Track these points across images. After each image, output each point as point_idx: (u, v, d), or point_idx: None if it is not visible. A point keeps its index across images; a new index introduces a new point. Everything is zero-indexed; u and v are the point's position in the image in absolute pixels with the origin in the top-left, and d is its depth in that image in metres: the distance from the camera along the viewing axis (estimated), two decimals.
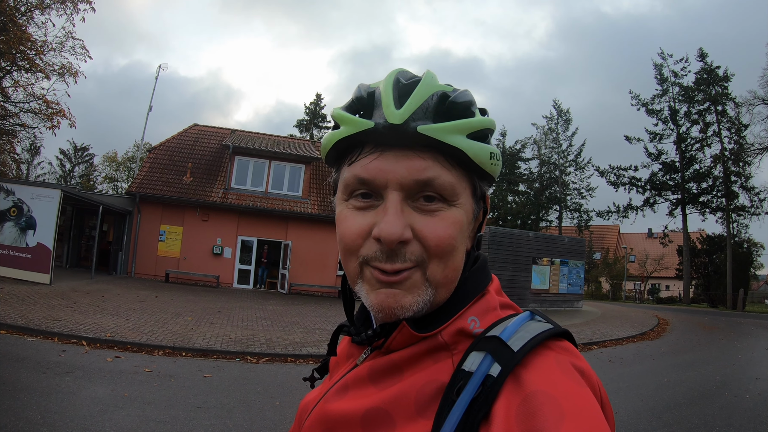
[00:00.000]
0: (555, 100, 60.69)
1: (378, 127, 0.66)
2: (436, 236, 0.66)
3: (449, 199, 0.67)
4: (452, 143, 0.66)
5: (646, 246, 58.23)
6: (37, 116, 24.95)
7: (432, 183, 0.66)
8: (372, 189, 0.68)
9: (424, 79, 0.69)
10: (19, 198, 14.92)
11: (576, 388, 0.56)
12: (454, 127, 0.66)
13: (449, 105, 0.68)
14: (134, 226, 20.90)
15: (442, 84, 0.71)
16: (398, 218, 0.65)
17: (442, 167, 0.67)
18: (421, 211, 0.67)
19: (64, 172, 55.02)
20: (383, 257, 0.66)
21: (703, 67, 40.84)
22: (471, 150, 0.67)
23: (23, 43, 22.76)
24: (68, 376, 6.49)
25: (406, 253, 0.65)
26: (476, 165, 0.69)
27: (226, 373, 7.63)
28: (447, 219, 0.67)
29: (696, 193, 41.06)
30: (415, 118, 0.65)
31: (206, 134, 25.35)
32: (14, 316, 9.33)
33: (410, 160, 0.66)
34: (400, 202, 0.66)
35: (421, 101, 0.67)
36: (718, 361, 11.41)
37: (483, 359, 0.60)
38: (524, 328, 0.63)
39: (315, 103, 60.24)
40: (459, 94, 0.69)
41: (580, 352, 0.65)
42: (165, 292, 16.34)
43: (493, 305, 0.71)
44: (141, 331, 9.45)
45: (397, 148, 0.66)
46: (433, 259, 0.66)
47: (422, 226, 0.66)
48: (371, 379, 0.70)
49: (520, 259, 20.62)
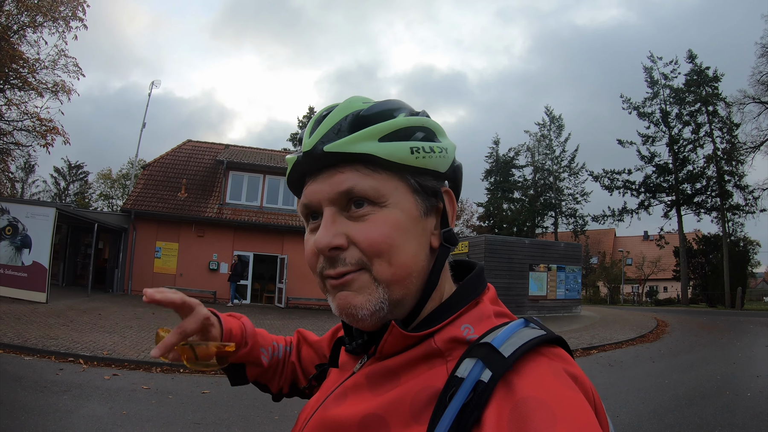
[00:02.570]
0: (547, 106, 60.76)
1: (299, 159, 0.76)
2: (366, 238, 0.69)
3: (377, 201, 0.71)
4: (360, 150, 0.70)
5: (642, 248, 58.34)
6: (31, 134, 24.98)
7: (352, 191, 0.70)
8: (314, 210, 0.75)
9: (339, 105, 0.76)
10: (14, 217, 14.89)
11: (568, 393, 0.56)
12: (360, 136, 0.71)
13: (359, 120, 0.73)
14: (130, 243, 20.81)
15: (365, 104, 0.76)
16: (327, 229, 0.70)
17: (361, 174, 0.71)
18: (353, 218, 0.71)
19: (58, 190, 54.99)
20: (327, 265, 0.71)
21: (693, 68, 41.16)
22: (382, 151, 0.71)
23: (16, 61, 22.83)
24: (66, 395, 6.44)
25: (346, 258, 0.70)
26: (396, 163, 0.72)
27: (225, 389, 7.58)
28: (377, 221, 0.70)
29: (690, 193, 41.22)
30: (324, 141, 0.72)
31: (200, 150, 25.35)
32: (11, 335, 9.28)
33: (332, 177, 0.72)
34: (332, 215, 0.72)
35: (331, 125, 0.73)
36: (718, 361, 11.42)
37: (474, 365, 0.61)
38: (517, 335, 0.64)
39: (307, 116, 60.23)
40: (371, 107, 0.74)
41: (574, 359, 0.66)
42: (162, 309, 16.05)
43: (488, 313, 0.72)
44: (138, 348, 9.39)
45: (320, 172, 0.74)
46: (374, 259, 0.69)
47: (355, 232, 0.70)
48: (368, 386, 0.71)
49: (516, 266, 20.64)
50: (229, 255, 21.61)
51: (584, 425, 0.53)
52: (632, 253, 58.05)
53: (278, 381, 1.14)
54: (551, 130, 52.89)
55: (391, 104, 0.75)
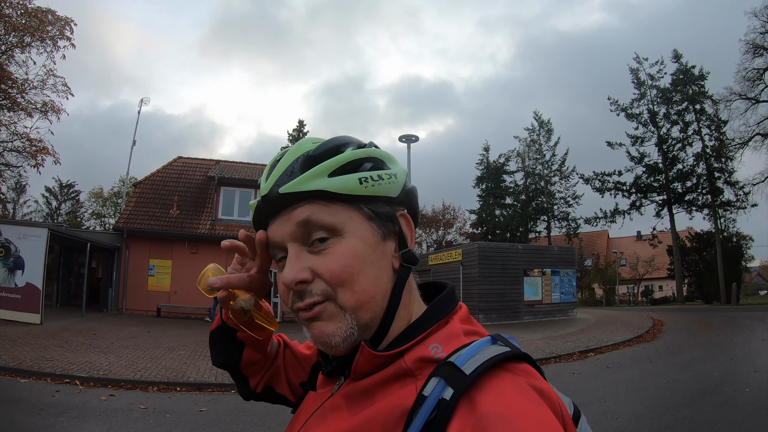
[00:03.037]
0: (535, 111, 61.24)
1: (259, 204, 0.79)
2: (328, 270, 0.72)
3: (335, 232, 0.74)
4: (311, 188, 0.74)
5: (636, 249, 58.46)
6: (21, 155, 24.88)
7: (309, 221, 0.74)
8: (280, 249, 0.78)
9: (290, 149, 0.80)
10: (6, 238, 14.80)
11: (531, 407, 0.57)
12: (310, 175, 0.75)
13: (309, 160, 0.77)
14: (123, 262, 20.70)
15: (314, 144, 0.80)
16: (291, 265, 0.73)
17: (316, 207, 0.74)
18: (315, 253, 0.74)
19: (50, 210, 54.67)
20: (297, 299, 0.75)
21: (679, 67, 41.51)
22: (332, 186, 0.74)
23: (4, 81, 22.76)
24: (63, 417, 6.39)
25: (312, 290, 0.73)
26: (347, 195, 0.75)
27: (222, 406, 7.55)
28: (337, 252, 0.73)
29: (681, 192, 41.42)
30: (279, 184, 0.76)
31: (191, 166, 25.29)
32: (6, 358, 9.20)
33: (290, 214, 0.75)
34: (295, 251, 0.75)
35: (284, 168, 0.77)
36: (715, 358, 11.46)
37: (437, 384, 0.62)
38: (481, 353, 0.65)
39: (298, 129, 60.08)
40: (319, 146, 0.78)
41: (542, 374, 0.68)
42: (157, 327, 16.18)
43: (456, 332, 0.74)
44: (134, 368, 9.34)
45: (279, 213, 0.77)
46: (337, 289, 0.72)
47: (318, 265, 0.73)
48: (347, 406, 0.73)
49: (510, 272, 20.68)
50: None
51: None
52: (626, 254, 58.12)
53: (260, 377, 1.12)
54: (540, 135, 53.08)
55: (338, 141, 0.80)
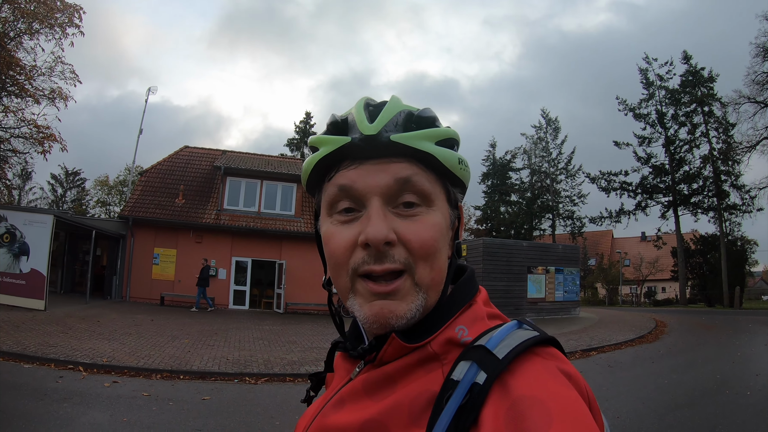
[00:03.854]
0: (543, 109, 60.94)
1: (355, 141, 0.71)
2: (419, 238, 0.69)
3: (427, 202, 0.71)
4: (423, 149, 0.71)
5: (640, 249, 58.32)
6: (28, 141, 24.88)
7: (410, 180, 0.70)
8: (354, 198, 0.72)
9: (391, 101, 0.75)
10: (11, 224, 14.87)
11: (563, 390, 0.58)
12: (423, 135, 0.71)
13: (416, 119, 0.73)
14: (128, 250, 20.77)
15: (407, 105, 0.76)
16: (382, 220, 0.68)
17: (417, 170, 0.71)
18: (401, 216, 0.70)
19: (56, 197, 54.89)
20: (372, 260, 0.68)
21: (688, 69, 41.32)
22: (441, 154, 0.72)
23: (12, 68, 22.75)
24: (66, 403, 6.43)
25: (394, 254, 0.68)
26: (447, 169, 0.73)
27: (225, 395, 7.58)
28: (427, 222, 0.70)
29: (687, 194, 41.29)
30: (387, 130, 0.71)
31: (197, 156, 25.31)
32: (10, 343, 9.25)
33: (387, 166, 0.71)
34: (381, 208, 0.69)
35: (391, 116, 0.72)
36: (717, 360, 11.43)
37: (469, 368, 0.62)
38: (510, 337, 0.65)
39: (305, 121, 60.32)
40: (423, 111, 0.75)
41: (567, 358, 0.67)
42: (160, 316, 16.24)
43: (481, 315, 0.73)
44: (138, 355, 9.38)
45: (373, 159, 0.71)
46: (419, 261, 0.69)
47: (404, 229, 0.69)
48: (366, 392, 0.71)
49: (514, 268, 20.63)
50: (228, 261, 21.63)
51: (579, 421, 0.54)
52: (630, 254, 58.03)
53: None
54: (548, 133, 52.98)
55: (432, 111, 0.76)
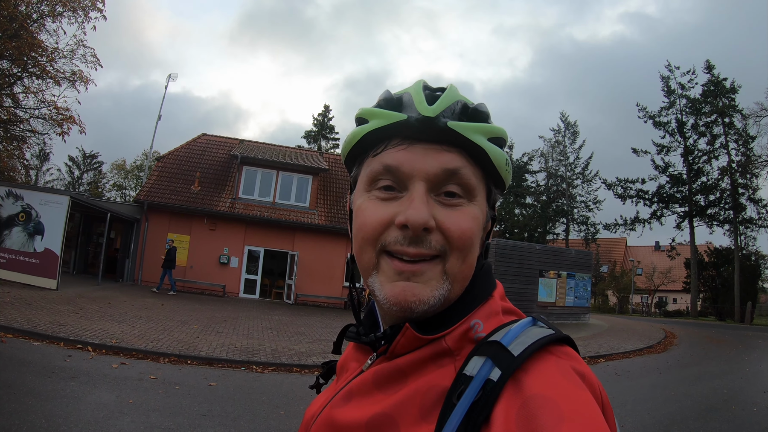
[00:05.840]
0: (562, 112, 60.77)
1: (410, 120, 0.70)
2: (459, 228, 0.68)
3: (470, 196, 0.70)
4: (477, 142, 0.70)
5: (653, 259, 57.92)
6: (47, 122, 25.12)
7: (458, 173, 0.69)
8: (397, 178, 0.70)
9: (450, 89, 0.74)
10: (27, 203, 15.03)
11: (576, 391, 0.57)
12: (478, 128, 0.70)
13: (473, 111, 0.72)
14: (142, 234, 20.93)
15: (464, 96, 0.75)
16: (425, 205, 0.67)
17: (466, 162, 0.70)
18: (443, 204, 0.69)
19: (72, 179, 55.46)
20: (406, 242, 0.68)
21: (710, 79, 40.84)
22: (492, 151, 0.71)
23: (34, 49, 22.96)
24: (73, 381, 6.50)
25: (431, 240, 0.68)
26: (494, 167, 0.72)
27: (232, 382, 7.63)
28: (468, 213, 0.70)
29: (703, 205, 40.91)
30: (444, 115, 0.70)
31: (215, 144, 25.38)
32: (21, 321, 9.37)
33: (437, 153, 0.70)
34: (425, 193, 0.68)
35: (450, 103, 0.71)
36: (725, 375, 11.32)
37: (483, 364, 0.61)
38: (525, 334, 0.64)
39: (323, 114, 60.34)
40: (479, 105, 0.74)
41: (581, 357, 0.66)
42: (171, 301, 16.37)
43: (496, 310, 0.72)
44: (147, 339, 9.46)
45: (424, 142, 0.70)
46: (453, 251, 0.68)
47: (445, 218, 0.68)
48: (376, 385, 0.71)
49: (527, 271, 20.56)
50: (241, 249, 21.73)
51: (590, 422, 0.53)
52: (643, 263, 57.63)
53: None
54: (566, 137, 52.70)
55: (488, 108, 0.75)
